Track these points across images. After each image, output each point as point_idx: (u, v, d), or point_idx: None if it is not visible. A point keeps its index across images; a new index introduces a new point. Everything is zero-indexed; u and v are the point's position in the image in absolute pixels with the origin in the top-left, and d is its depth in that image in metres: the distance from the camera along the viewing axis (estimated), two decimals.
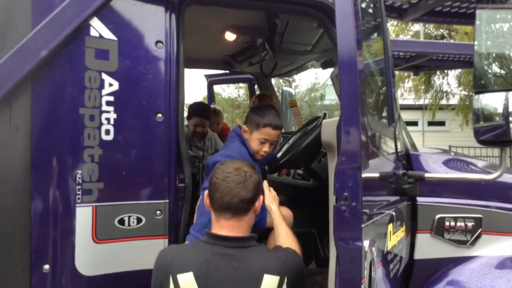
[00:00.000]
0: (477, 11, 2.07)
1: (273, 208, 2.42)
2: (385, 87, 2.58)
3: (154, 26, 2.36)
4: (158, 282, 1.98)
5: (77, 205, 2.16)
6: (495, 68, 2.14)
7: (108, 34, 2.23)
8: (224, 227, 2.02)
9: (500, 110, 1.97)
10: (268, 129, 2.69)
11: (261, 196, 2.16)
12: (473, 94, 2.06)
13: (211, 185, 2.07)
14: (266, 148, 2.72)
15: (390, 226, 2.25)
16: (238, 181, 2.01)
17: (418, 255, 2.79)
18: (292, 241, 2.26)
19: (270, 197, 2.46)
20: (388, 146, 2.44)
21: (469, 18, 2.61)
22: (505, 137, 1.96)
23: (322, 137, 2.16)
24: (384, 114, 2.61)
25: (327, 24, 2.78)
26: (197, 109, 4.70)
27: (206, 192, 2.14)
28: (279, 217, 2.38)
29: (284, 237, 2.28)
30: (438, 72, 18.52)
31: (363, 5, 2.40)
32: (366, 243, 1.79)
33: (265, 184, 2.52)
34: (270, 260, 1.96)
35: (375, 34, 2.70)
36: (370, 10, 2.54)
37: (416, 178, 2.31)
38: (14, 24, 2.10)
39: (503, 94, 1.96)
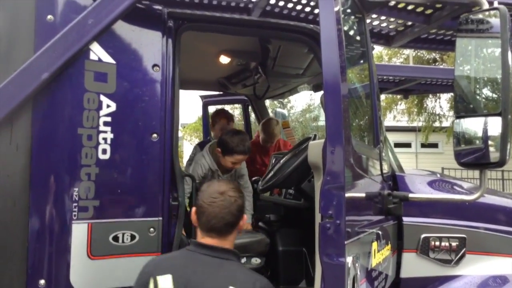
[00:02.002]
0: (458, 39, 2.19)
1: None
2: (370, 111, 2.68)
3: (151, 51, 2.46)
4: (140, 283, 2.06)
5: (73, 221, 2.23)
6: (475, 93, 2.23)
7: (107, 58, 2.33)
8: (208, 242, 2.11)
9: (480, 134, 2.04)
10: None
11: (245, 216, 2.23)
12: (454, 118, 2.15)
13: (198, 207, 2.16)
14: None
15: (375, 244, 2.33)
16: (223, 207, 2.09)
17: (404, 273, 2.86)
18: None
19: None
20: (374, 167, 2.53)
21: (453, 45, 2.72)
22: (485, 160, 2.03)
23: (308, 158, 2.26)
24: (370, 136, 2.71)
25: (317, 49, 2.89)
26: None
27: (194, 209, 2.21)
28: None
29: None
30: (430, 95, 18.77)
31: (350, 32, 2.53)
32: (349, 260, 1.87)
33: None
34: (241, 276, 2.03)
35: (361, 60, 2.82)
36: (357, 38, 2.66)
37: (401, 198, 2.38)
38: (17, 48, 2.20)
39: (482, 118, 2.04)
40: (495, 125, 2.00)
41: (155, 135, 2.42)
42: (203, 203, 2.12)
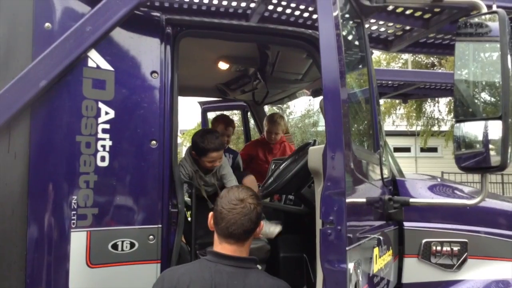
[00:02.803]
0: (456, 43, 2.19)
1: None
2: (370, 115, 2.68)
3: (150, 57, 2.46)
4: None
5: (72, 230, 2.22)
6: (475, 97, 2.23)
7: (105, 65, 2.33)
8: (226, 249, 2.10)
9: (480, 137, 2.04)
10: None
11: (262, 222, 2.24)
12: (454, 123, 2.14)
13: (217, 213, 2.14)
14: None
15: (376, 250, 2.31)
16: (243, 213, 2.08)
17: (406, 279, 2.84)
18: None
19: None
20: (374, 172, 2.52)
21: (452, 49, 2.73)
22: (485, 164, 2.03)
23: (309, 163, 2.25)
24: (370, 141, 2.70)
25: (315, 55, 2.90)
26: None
27: (211, 214, 2.20)
28: None
29: None
30: (429, 100, 18.81)
31: (349, 37, 2.53)
32: (351, 266, 1.85)
33: None
34: (264, 284, 2.03)
35: (360, 65, 2.81)
36: (356, 43, 2.66)
37: (401, 203, 2.38)
38: (15, 55, 2.20)
39: (483, 122, 2.04)
40: (495, 129, 1.99)
41: (154, 141, 2.41)
42: (222, 209, 2.11)
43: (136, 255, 2.35)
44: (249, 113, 6.18)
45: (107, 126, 2.32)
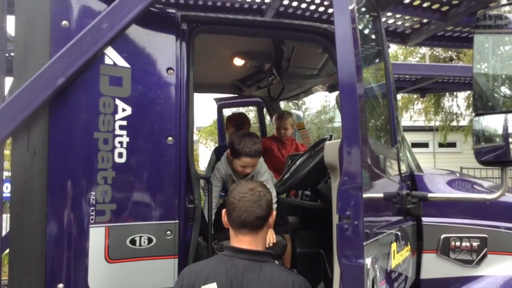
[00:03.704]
0: (475, 36, 2.15)
1: None
2: (387, 110, 2.65)
3: (166, 54, 2.47)
4: None
5: (90, 225, 2.25)
6: (494, 90, 2.20)
7: (121, 62, 2.35)
8: (242, 241, 2.13)
9: (500, 131, 2.00)
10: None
11: (274, 212, 2.27)
12: (473, 116, 2.11)
13: (229, 205, 2.19)
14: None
15: (394, 245, 2.29)
16: (253, 200, 2.13)
17: (424, 274, 2.81)
18: None
19: None
20: (391, 167, 2.50)
21: (471, 42, 2.69)
22: (506, 158, 1.99)
23: (325, 158, 2.23)
24: (387, 136, 2.68)
25: (331, 49, 2.87)
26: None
27: (224, 210, 2.23)
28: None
29: None
30: (447, 94, 18.54)
31: (365, 31, 2.50)
32: (368, 261, 1.84)
33: None
34: (278, 277, 2.04)
35: (377, 59, 2.78)
36: (372, 36, 2.63)
37: (420, 198, 2.36)
38: (33, 54, 2.23)
39: (502, 115, 2.00)
40: None
41: (170, 138, 2.42)
42: (233, 199, 2.16)
43: (153, 250, 2.37)
44: (264, 110, 6.17)
45: (124, 122, 2.34)
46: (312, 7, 3.22)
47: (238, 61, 4.20)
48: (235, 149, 3.30)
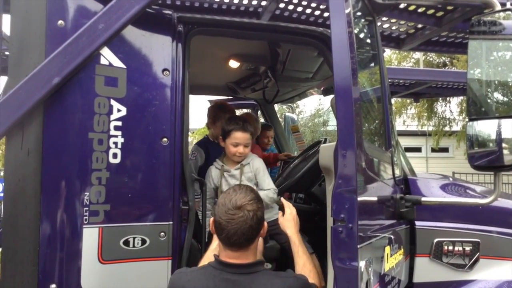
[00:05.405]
0: (469, 41, 2.17)
1: (288, 233, 2.43)
2: (382, 114, 2.66)
3: (161, 55, 2.47)
4: None
5: (84, 226, 2.24)
6: (488, 96, 2.21)
7: (117, 63, 2.34)
8: (230, 256, 2.05)
9: (493, 136, 2.02)
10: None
11: (265, 223, 2.17)
12: (467, 121, 2.12)
13: (216, 223, 2.07)
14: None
15: (388, 248, 2.30)
16: (243, 223, 2.00)
17: (417, 278, 2.83)
18: (310, 271, 2.22)
19: (289, 221, 2.49)
20: (386, 170, 2.51)
21: (465, 48, 2.71)
22: (498, 163, 2.01)
23: (320, 161, 2.24)
24: (382, 139, 2.69)
25: (327, 53, 2.88)
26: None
27: (211, 219, 2.15)
28: (296, 244, 2.37)
29: (302, 268, 2.25)
30: (440, 99, 18.65)
31: (361, 35, 2.52)
32: (362, 264, 1.85)
33: (285, 203, 2.59)
34: (275, 286, 1.97)
35: (372, 63, 2.80)
36: (367, 41, 2.64)
37: (413, 202, 2.36)
38: (28, 53, 2.22)
39: (496, 121, 2.02)
40: (508, 128, 1.98)
41: (165, 139, 2.42)
42: (221, 219, 2.02)
43: (147, 251, 2.36)
44: (259, 112, 6.18)
45: (119, 123, 2.33)
46: (308, 11, 3.23)
47: (234, 63, 4.20)
48: (225, 129, 3.13)
